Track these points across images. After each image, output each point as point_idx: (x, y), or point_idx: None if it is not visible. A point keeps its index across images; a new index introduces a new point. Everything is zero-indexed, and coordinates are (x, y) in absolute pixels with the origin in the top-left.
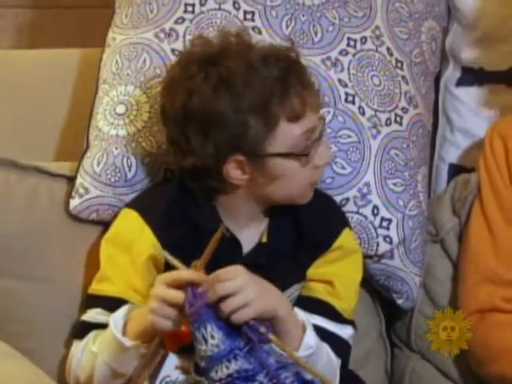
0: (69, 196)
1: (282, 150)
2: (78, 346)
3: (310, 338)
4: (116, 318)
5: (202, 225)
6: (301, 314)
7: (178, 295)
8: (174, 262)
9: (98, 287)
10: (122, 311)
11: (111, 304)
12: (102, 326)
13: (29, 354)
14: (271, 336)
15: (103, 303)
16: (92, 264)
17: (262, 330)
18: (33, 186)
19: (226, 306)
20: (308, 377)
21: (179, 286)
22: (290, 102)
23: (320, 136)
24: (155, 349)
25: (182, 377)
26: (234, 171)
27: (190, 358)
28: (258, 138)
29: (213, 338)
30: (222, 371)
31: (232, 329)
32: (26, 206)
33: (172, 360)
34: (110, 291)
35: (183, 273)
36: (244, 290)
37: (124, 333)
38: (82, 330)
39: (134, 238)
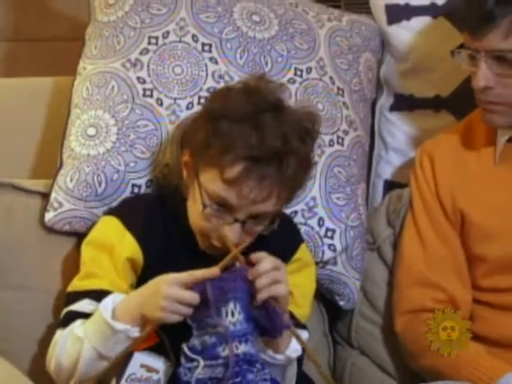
0: (43, 210)
1: (204, 187)
2: (61, 334)
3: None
4: (105, 304)
5: (179, 237)
6: None
7: (194, 296)
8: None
9: (83, 284)
10: (110, 298)
11: (101, 296)
12: (88, 316)
13: (5, 354)
14: (293, 327)
15: (91, 295)
16: (65, 272)
17: (287, 318)
18: (9, 201)
19: (263, 279)
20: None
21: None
22: (231, 167)
23: (242, 221)
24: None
25: (146, 374)
26: (184, 170)
27: (154, 356)
28: (205, 163)
29: (233, 316)
30: (231, 350)
31: (251, 316)
32: (2, 220)
33: (137, 359)
34: (99, 285)
35: (198, 273)
36: (280, 270)
37: (113, 317)
38: (67, 318)
39: (115, 241)
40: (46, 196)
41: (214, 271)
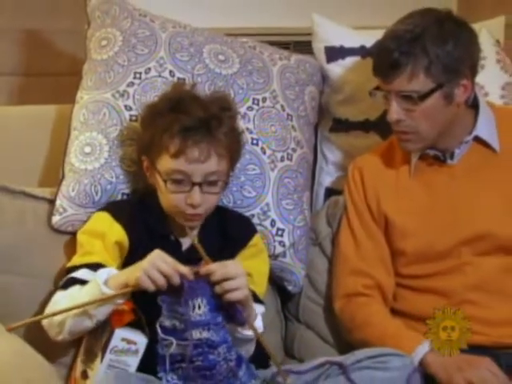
0: (50, 213)
1: (161, 170)
2: (61, 295)
3: (260, 322)
4: (101, 272)
5: (156, 230)
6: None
7: (176, 278)
8: (203, 252)
9: (82, 259)
10: (107, 269)
11: (97, 267)
12: (86, 283)
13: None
14: (249, 321)
15: (89, 267)
16: (66, 263)
17: (245, 315)
18: (21, 205)
19: (225, 286)
20: (241, 352)
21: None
22: (172, 143)
23: (199, 183)
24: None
25: (126, 346)
26: (147, 173)
27: (133, 331)
28: (155, 153)
29: (199, 309)
30: (196, 335)
31: (217, 308)
32: (15, 221)
33: (118, 334)
34: (95, 259)
35: (182, 268)
36: (241, 277)
37: (105, 284)
38: (67, 283)
39: (105, 229)
40: (51, 201)
41: (189, 274)
